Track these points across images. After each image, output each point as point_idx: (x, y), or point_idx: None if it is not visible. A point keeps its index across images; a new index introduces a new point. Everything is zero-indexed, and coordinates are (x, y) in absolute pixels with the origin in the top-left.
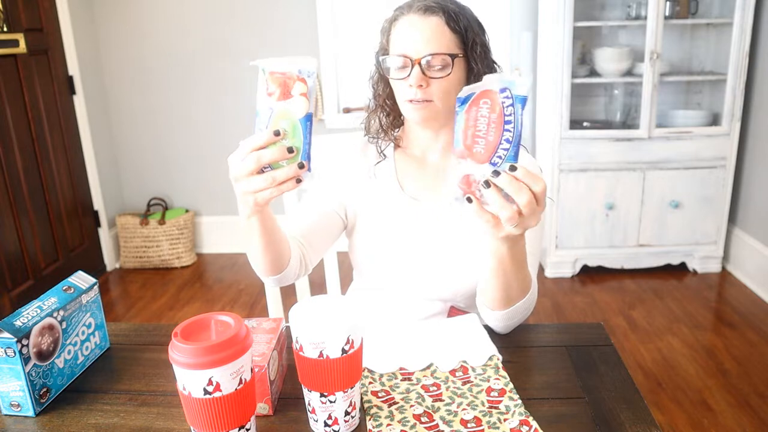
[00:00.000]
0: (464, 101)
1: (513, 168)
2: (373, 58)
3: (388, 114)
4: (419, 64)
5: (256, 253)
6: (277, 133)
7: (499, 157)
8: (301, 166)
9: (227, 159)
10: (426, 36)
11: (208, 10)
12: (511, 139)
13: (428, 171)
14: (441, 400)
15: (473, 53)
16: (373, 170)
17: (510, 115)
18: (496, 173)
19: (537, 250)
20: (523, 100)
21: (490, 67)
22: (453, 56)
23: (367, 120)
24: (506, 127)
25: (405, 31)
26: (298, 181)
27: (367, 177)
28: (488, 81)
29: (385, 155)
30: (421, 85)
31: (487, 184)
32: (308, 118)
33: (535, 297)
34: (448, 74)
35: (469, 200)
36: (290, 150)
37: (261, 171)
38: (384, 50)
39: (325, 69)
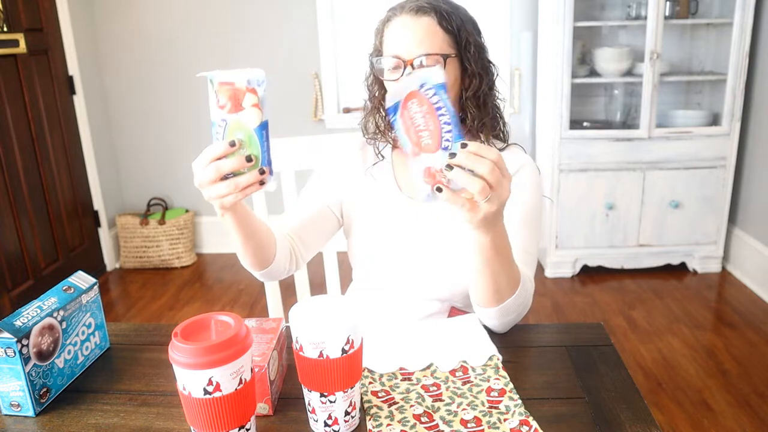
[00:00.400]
0: (394, 110)
1: (464, 145)
2: (367, 59)
3: (384, 115)
4: (411, 65)
5: (237, 247)
6: (232, 144)
7: (447, 140)
8: (261, 172)
9: (191, 165)
10: (418, 37)
11: (209, 10)
12: (449, 121)
13: None
14: (441, 400)
15: (467, 53)
16: (371, 171)
17: (437, 102)
18: (452, 154)
19: (534, 249)
20: (443, 86)
21: (485, 67)
22: (445, 56)
23: (365, 121)
24: (439, 113)
25: (397, 32)
26: (261, 183)
27: (365, 177)
28: (406, 84)
29: (382, 156)
30: None
31: (449, 166)
32: (263, 126)
33: (529, 294)
34: None
35: (439, 190)
36: (249, 159)
37: (224, 177)
38: (377, 51)
39: (325, 69)
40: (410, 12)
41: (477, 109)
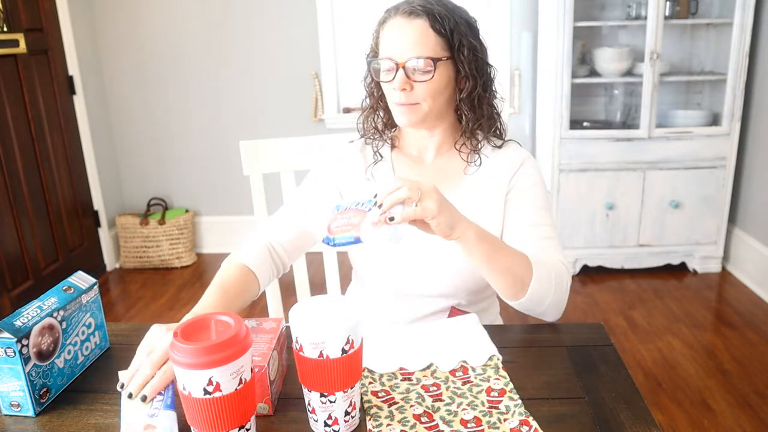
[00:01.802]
0: (327, 240)
1: (374, 195)
2: (364, 59)
3: (382, 115)
4: (403, 67)
5: None
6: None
7: (366, 210)
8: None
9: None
10: (410, 39)
11: (208, 10)
12: (360, 204)
13: (425, 170)
14: (441, 400)
15: (460, 55)
16: (370, 171)
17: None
18: (379, 205)
19: (553, 233)
20: (329, 239)
21: (480, 68)
22: (435, 60)
23: (363, 121)
24: (351, 213)
25: (391, 34)
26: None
27: (365, 179)
28: (323, 241)
29: (381, 156)
30: (405, 89)
31: (382, 214)
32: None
33: (555, 273)
34: (431, 78)
35: (391, 219)
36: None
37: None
38: (373, 52)
39: (325, 69)
40: (403, 14)
41: (471, 111)
